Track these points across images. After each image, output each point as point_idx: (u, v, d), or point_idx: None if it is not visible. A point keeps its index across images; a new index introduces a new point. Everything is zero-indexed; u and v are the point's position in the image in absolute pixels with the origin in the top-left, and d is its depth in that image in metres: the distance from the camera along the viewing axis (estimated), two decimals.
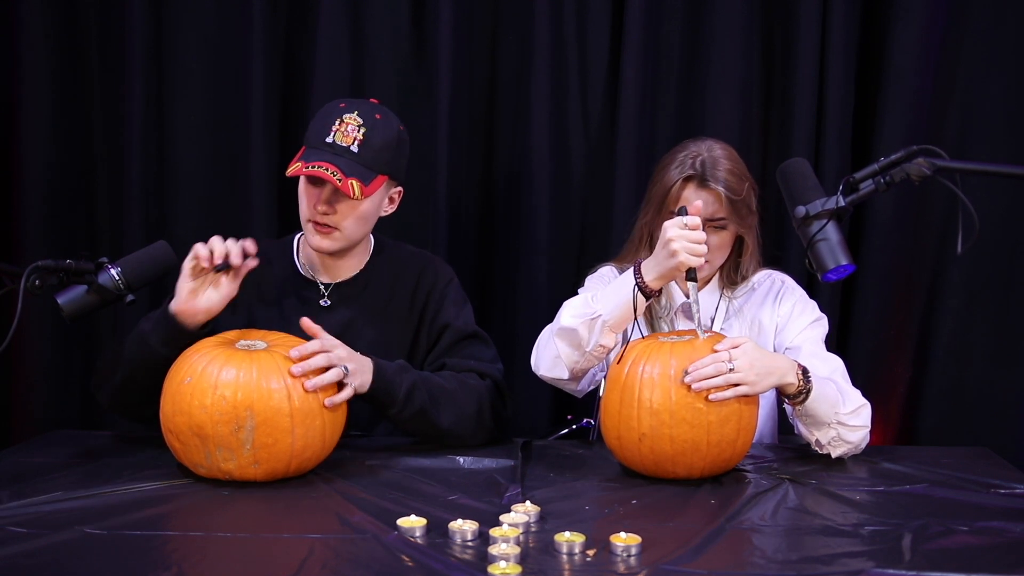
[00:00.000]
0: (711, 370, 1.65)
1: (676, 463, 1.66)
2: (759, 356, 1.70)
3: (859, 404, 1.80)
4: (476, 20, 2.53)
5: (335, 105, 1.87)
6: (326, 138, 1.81)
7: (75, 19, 2.53)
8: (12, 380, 2.58)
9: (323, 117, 1.86)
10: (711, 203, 1.92)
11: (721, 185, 1.91)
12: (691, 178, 1.94)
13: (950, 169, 1.53)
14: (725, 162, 1.94)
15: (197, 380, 1.60)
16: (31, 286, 1.59)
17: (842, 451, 1.81)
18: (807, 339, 1.96)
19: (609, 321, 1.81)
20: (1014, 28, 2.42)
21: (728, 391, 1.64)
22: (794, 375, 1.73)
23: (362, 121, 1.82)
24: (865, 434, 1.82)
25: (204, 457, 1.61)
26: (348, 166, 1.80)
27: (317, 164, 1.78)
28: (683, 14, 2.51)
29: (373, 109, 1.86)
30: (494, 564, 1.27)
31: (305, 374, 1.62)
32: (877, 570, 1.27)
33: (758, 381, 1.67)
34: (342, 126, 1.82)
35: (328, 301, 1.93)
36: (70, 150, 2.56)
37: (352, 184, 1.78)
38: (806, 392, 1.74)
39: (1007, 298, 2.48)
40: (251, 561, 1.32)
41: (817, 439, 1.80)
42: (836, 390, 1.79)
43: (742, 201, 1.93)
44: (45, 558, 1.31)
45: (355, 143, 1.81)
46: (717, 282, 2.06)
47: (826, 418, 1.77)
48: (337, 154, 1.80)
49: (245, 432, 1.58)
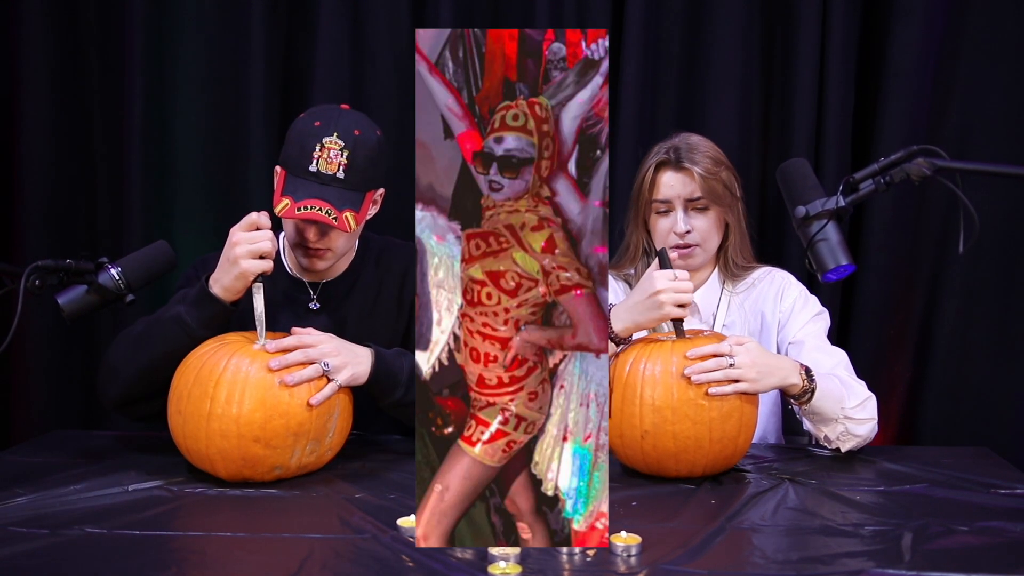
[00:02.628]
0: (712, 363, 1.65)
1: (679, 460, 1.66)
2: (761, 356, 1.71)
3: (864, 397, 1.81)
4: (476, 20, 2.53)
5: (309, 124, 1.79)
6: (308, 166, 1.76)
7: (75, 18, 2.54)
8: (12, 380, 2.58)
9: (300, 140, 1.79)
10: (687, 183, 1.95)
11: (696, 165, 1.94)
12: (665, 163, 1.98)
13: (950, 169, 1.53)
14: (701, 146, 1.98)
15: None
16: (31, 286, 1.59)
17: (851, 445, 1.81)
18: (810, 334, 1.97)
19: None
20: (1014, 28, 2.42)
21: (727, 387, 1.65)
22: (798, 376, 1.73)
23: (343, 143, 1.76)
24: (873, 426, 1.82)
25: (290, 456, 1.63)
26: (338, 197, 1.76)
27: (308, 203, 1.74)
28: (683, 14, 2.51)
29: (351, 123, 1.80)
30: (494, 564, 1.27)
31: (283, 369, 1.63)
32: (877, 570, 1.27)
33: (758, 380, 1.67)
34: (323, 152, 1.76)
35: (317, 304, 1.93)
36: (70, 150, 2.56)
37: (347, 218, 1.76)
38: (811, 392, 1.74)
39: (1007, 298, 2.48)
40: (251, 561, 1.32)
41: (826, 435, 1.81)
42: (840, 385, 1.80)
43: (719, 182, 1.95)
44: (45, 558, 1.31)
45: (340, 169, 1.76)
46: (717, 276, 2.06)
47: (833, 414, 1.77)
48: (323, 183, 1.76)
49: (333, 420, 1.67)
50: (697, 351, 1.67)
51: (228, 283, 1.71)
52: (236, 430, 1.59)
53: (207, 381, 1.61)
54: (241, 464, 1.61)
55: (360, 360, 1.73)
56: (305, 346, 1.67)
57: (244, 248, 1.69)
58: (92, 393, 2.62)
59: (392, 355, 1.78)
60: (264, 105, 2.50)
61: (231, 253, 1.70)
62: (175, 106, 2.54)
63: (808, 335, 1.97)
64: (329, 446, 1.70)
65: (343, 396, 1.70)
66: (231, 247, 1.70)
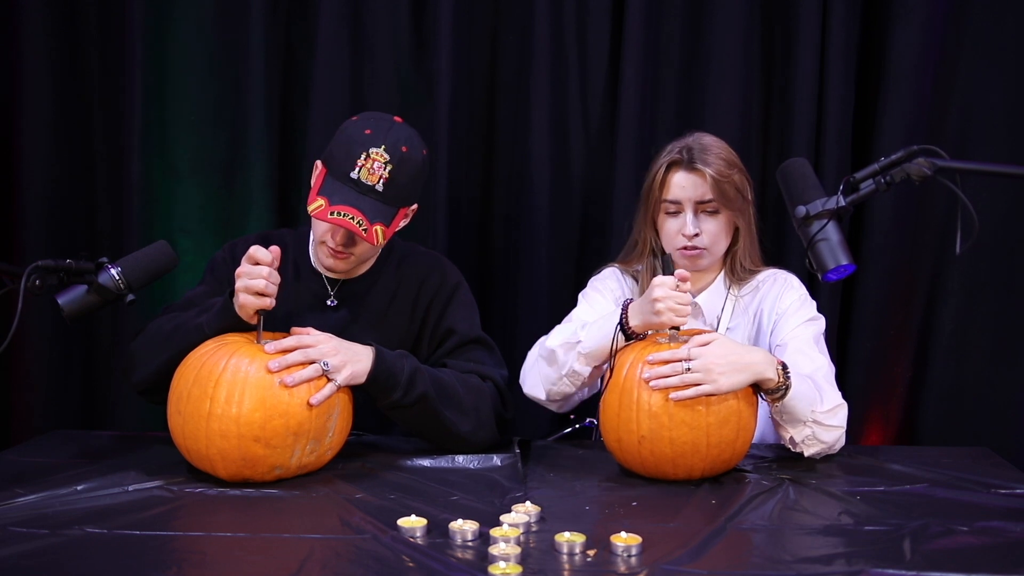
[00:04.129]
0: (667, 369, 1.65)
1: (676, 465, 1.66)
2: (726, 353, 1.67)
3: (836, 403, 1.79)
4: (476, 20, 2.53)
5: (360, 131, 1.80)
6: (350, 172, 1.76)
7: (75, 18, 2.53)
8: (12, 380, 2.58)
9: (347, 144, 1.79)
10: (699, 185, 1.92)
11: (709, 167, 1.91)
12: (677, 163, 1.95)
13: (950, 169, 1.53)
14: (714, 148, 1.96)
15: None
16: (31, 286, 1.59)
17: (815, 450, 1.79)
18: (796, 337, 1.93)
19: (586, 351, 1.83)
20: (1014, 28, 2.42)
21: (688, 391, 1.63)
22: (773, 371, 1.70)
23: (388, 157, 1.77)
24: (840, 435, 1.80)
25: (290, 456, 1.63)
26: (372, 208, 1.76)
27: (342, 209, 1.74)
28: (683, 14, 2.51)
29: (399, 139, 1.79)
30: (494, 564, 1.27)
31: (282, 370, 1.63)
32: (877, 570, 1.27)
33: (719, 379, 1.64)
34: (368, 162, 1.76)
35: (335, 301, 1.94)
36: (70, 150, 2.56)
37: (376, 231, 1.76)
38: (785, 388, 1.72)
39: (1007, 298, 2.48)
40: (251, 561, 1.31)
41: (791, 437, 1.78)
42: (814, 387, 1.77)
43: (731, 185, 1.93)
44: (45, 558, 1.31)
45: (380, 182, 1.77)
46: (723, 280, 2.05)
47: (803, 416, 1.75)
48: (361, 193, 1.76)
49: (333, 420, 1.67)
50: (657, 356, 1.67)
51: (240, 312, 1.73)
52: (236, 430, 1.59)
53: (207, 381, 1.61)
54: (241, 464, 1.61)
55: (360, 358, 1.73)
56: (304, 346, 1.67)
57: (242, 283, 1.70)
58: (92, 393, 2.63)
59: (394, 356, 1.78)
60: (264, 105, 2.50)
61: (236, 285, 1.72)
62: (175, 106, 2.54)
63: (794, 338, 1.93)
64: (329, 446, 1.70)
65: (343, 396, 1.70)
66: (236, 278, 1.72)
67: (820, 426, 1.76)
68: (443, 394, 1.79)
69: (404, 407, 1.77)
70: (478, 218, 2.60)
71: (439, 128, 2.47)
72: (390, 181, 1.77)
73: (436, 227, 2.49)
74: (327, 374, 1.67)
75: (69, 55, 2.54)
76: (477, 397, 1.84)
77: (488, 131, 2.59)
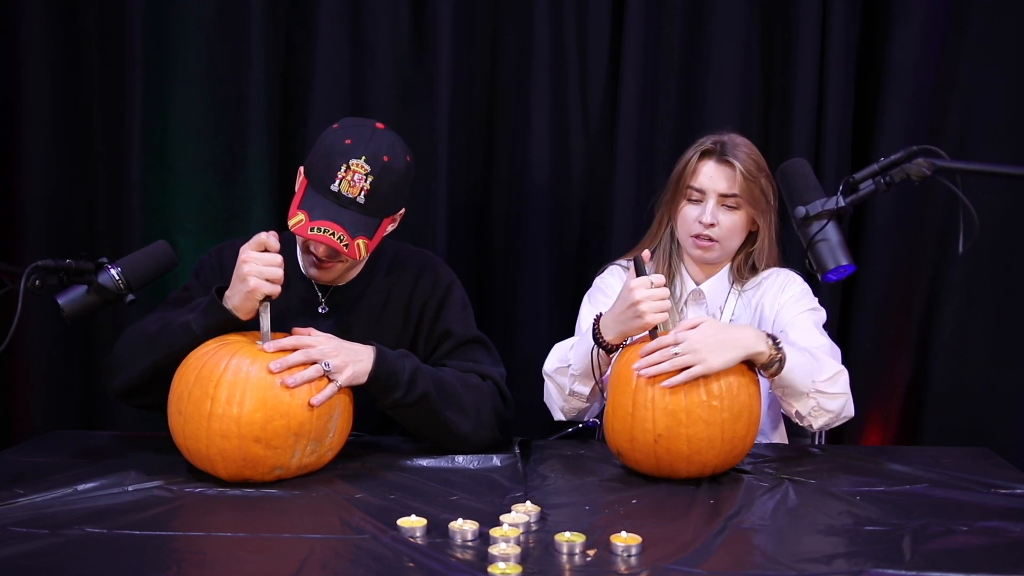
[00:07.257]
0: (656, 356, 1.65)
1: (691, 462, 1.65)
2: (714, 332, 1.67)
3: (836, 371, 1.78)
4: (476, 20, 2.53)
5: (339, 141, 1.75)
6: (331, 185, 1.73)
7: (75, 19, 2.54)
8: (12, 380, 2.58)
9: (327, 155, 1.75)
10: (727, 177, 1.96)
11: (739, 161, 1.95)
12: (709, 152, 1.99)
13: (950, 169, 1.53)
14: (746, 148, 1.99)
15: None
16: (31, 286, 1.59)
17: (824, 421, 1.79)
18: (795, 323, 1.95)
19: (578, 372, 1.87)
20: (1014, 28, 2.43)
21: (680, 375, 1.63)
22: (764, 344, 1.70)
23: (369, 168, 1.73)
24: (844, 401, 1.80)
25: (290, 457, 1.63)
26: (353, 222, 1.73)
27: (322, 224, 1.72)
28: (683, 14, 2.51)
29: (381, 147, 1.75)
30: (494, 564, 1.27)
31: (283, 370, 1.63)
32: (877, 570, 1.27)
33: (709, 358, 1.64)
34: (348, 174, 1.73)
35: (326, 308, 1.93)
36: (70, 150, 2.56)
37: (359, 245, 1.74)
38: (779, 361, 1.71)
39: (1007, 298, 2.49)
40: (251, 561, 1.31)
41: (797, 411, 1.78)
42: (811, 358, 1.77)
43: (757, 184, 1.96)
44: (45, 558, 1.31)
45: (361, 193, 1.73)
46: (728, 274, 2.06)
47: (803, 387, 1.75)
48: (343, 206, 1.73)
49: (334, 420, 1.67)
50: (646, 347, 1.67)
51: (238, 302, 1.70)
52: (237, 430, 1.59)
53: (208, 381, 1.61)
54: (241, 464, 1.61)
55: (361, 358, 1.73)
56: (305, 347, 1.67)
57: (255, 268, 1.67)
58: (92, 393, 2.63)
59: (395, 355, 1.77)
60: (264, 105, 2.50)
61: (241, 271, 1.68)
62: (175, 106, 2.54)
63: (794, 324, 1.94)
64: (329, 446, 1.70)
65: (344, 396, 1.70)
66: (241, 264, 1.69)
67: (823, 395, 1.76)
68: (444, 393, 1.79)
69: (405, 406, 1.77)
70: (478, 218, 2.60)
71: (439, 128, 2.48)
72: (372, 193, 1.74)
73: (436, 227, 2.49)
74: (328, 375, 1.67)
75: (69, 55, 2.54)
76: (477, 396, 1.84)
77: (488, 131, 2.59)
